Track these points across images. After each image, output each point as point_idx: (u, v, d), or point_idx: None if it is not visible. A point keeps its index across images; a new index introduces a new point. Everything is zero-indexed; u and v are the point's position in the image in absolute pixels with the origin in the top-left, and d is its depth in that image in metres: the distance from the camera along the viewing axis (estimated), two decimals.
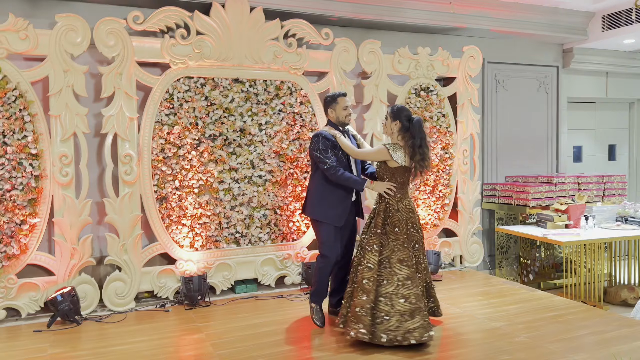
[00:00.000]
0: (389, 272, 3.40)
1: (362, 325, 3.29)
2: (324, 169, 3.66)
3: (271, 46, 4.74)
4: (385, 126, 3.64)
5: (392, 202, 3.54)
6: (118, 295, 4.28)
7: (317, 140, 3.71)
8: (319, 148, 3.68)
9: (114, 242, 4.28)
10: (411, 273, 3.40)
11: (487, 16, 5.75)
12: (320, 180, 3.77)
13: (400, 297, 3.33)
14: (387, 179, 3.58)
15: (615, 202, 6.05)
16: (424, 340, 3.25)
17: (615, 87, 7.26)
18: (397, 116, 3.55)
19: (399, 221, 3.49)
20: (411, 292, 3.35)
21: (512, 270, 6.08)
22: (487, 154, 6.31)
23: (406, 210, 3.54)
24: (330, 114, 3.85)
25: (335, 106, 3.82)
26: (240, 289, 4.74)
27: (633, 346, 3.24)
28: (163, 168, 4.43)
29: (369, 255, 3.46)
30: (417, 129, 3.50)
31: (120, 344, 3.55)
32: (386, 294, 3.35)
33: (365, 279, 3.40)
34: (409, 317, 3.29)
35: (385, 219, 3.52)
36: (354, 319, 3.34)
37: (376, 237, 3.49)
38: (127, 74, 4.28)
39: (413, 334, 3.24)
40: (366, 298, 3.35)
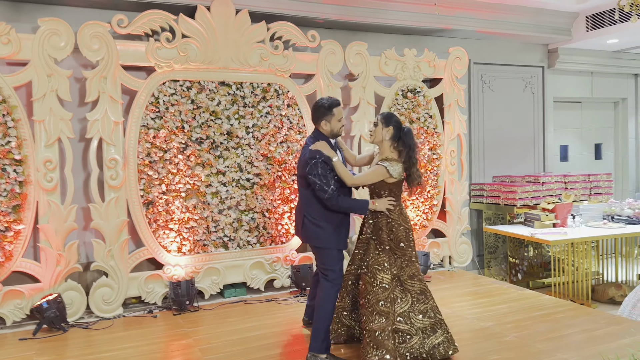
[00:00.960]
0: (401, 290, 3.23)
1: (384, 350, 3.01)
2: (325, 198, 3.20)
3: (257, 49, 4.72)
4: (375, 133, 3.34)
5: (393, 216, 3.28)
6: (105, 302, 4.24)
7: (316, 164, 3.18)
8: (318, 173, 3.18)
9: (100, 248, 4.23)
10: (424, 287, 3.26)
11: (472, 17, 5.79)
12: (318, 208, 3.30)
13: (418, 313, 3.21)
14: (385, 195, 3.30)
15: (602, 200, 6.10)
16: (449, 355, 3.16)
17: (600, 87, 7.34)
18: (389, 122, 3.31)
19: (403, 235, 3.27)
20: (427, 305, 3.23)
21: (501, 269, 6.11)
22: (474, 154, 6.34)
23: (406, 222, 3.33)
24: (324, 127, 3.34)
25: (331, 118, 3.33)
26: (229, 293, 4.71)
27: (620, 344, 3.26)
28: (149, 172, 4.40)
29: (381, 275, 3.17)
30: (409, 137, 3.32)
31: (107, 350, 3.51)
32: (403, 313, 3.18)
33: (381, 301, 3.11)
34: (430, 332, 3.19)
35: (389, 235, 3.27)
36: (374, 345, 3.03)
37: (385, 255, 3.23)
38: (111, 77, 4.24)
39: (438, 350, 3.15)
40: (385, 320, 3.08)
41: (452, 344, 3.21)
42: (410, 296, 3.22)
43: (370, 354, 3.02)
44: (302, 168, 3.31)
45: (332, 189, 3.18)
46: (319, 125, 3.37)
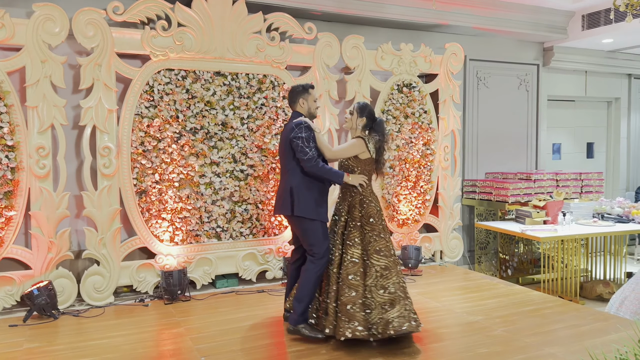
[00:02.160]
0: (368, 265, 3.35)
1: (357, 322, 3.18)
2: (304, 159, 3.38)
3: (254, 39, 4.71)
4: (349, 120, 3.62)
5: (366, 194, 3.51)
6: (96, 290, 4.24)
7: (301, 128, 3.42)
8: (302, 136, 3.39)
9: (92, 236, 4.22)
10: (389, 263, 3.36)
11: (469, 13, 5.79)
12: (303, 176, 3.47)
13: (380, 287, 3.29)
14: (358, 171, 3.53)
15: (592, 198, 6.16)
16: (403, 330, 3.12)
17: (593, 86, 7.38)
18: (363, 112, 3.58)
19: (373, 212, 3.46)
20: (389, 281, 3.30)
21: (491, 265, 6.16)
22: (467, 150, 6.37)
23: (377, 201, 3.54)
24: (302, 105, 3.61)
25: (308, 97, 3.62)
26: (221, 284, 4.72)
27: (606, 339, 3.31)
28: (143, 161, 4.39)
29: (352, 250, 3.39)
30: (381, 127, 3.57)
31: (98, 338, 3.52)
32: (367, 286, 3.30)
33: (351, 275, 3.31)
34: (389, 307, 3.23)
35: (361, 211, 3.47)
36: (346, 318, 3.20)
37: (356, 230, 3.44)
38: (106, 65, 4.22)
39: (392, 324, 3.14)
40: (355, 294, 3.25)
41: (407, 320, 3.17)
42: (375, 271, 3.33)
43: (343, 327, 3.17)
44: (285, 139, 3.51)
45: (313, 152, 3.40)
46: (296, 105, 3.63)
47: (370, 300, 3.27)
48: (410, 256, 5.19)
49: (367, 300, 3.27)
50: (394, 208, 5.45)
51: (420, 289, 4.67)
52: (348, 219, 3.50)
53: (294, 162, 3.48)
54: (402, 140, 5.46)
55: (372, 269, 3.33)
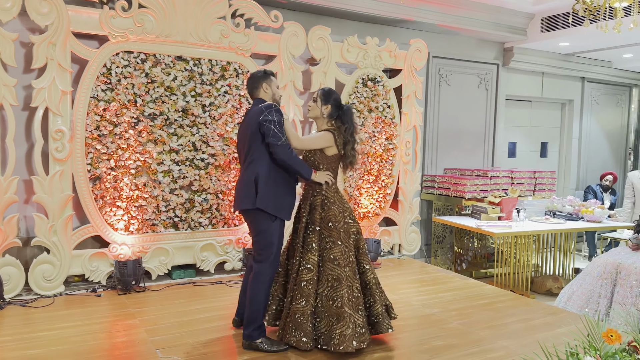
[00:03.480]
0: (322, 272, 3.13)
1: (302, 333, 3.03)
2: (277, 145, 3.03)
3: (218, 25, 4.59)
4: (313, 108, 3.30)
5: (329, 195, 3.22)
6: (46, 279, 4.06)
7: (271, 111, 3.08)
8: (274, 120, 3.06)
9: (42, 223, 4.04)
10: (341, 274, 3.09)
11: (434, 11, 5.85)
12: (270, 165, 3.13)
13: (329, 299, 3.08)
14: (323, 168, 3.24)
15: (545, 196, 6.37)
16: (339, 350, 2.95)
17: (550, 88, 7.62)
18: (328, 99, 3.26)
19: (334, 215, 3.18)
20: (338, 294, 3.06)
21: (447, 259, 6.29)
22: (427, 146, 6.46)
23: (341, 202, 3.26)
24: (265, 90, 3.26)
25: (271, 82, 3.29)
26: (177, 275, 4.62)
27: (556, 333, 3.43)
28: (98, 146, 4.22)
29: (309, 256, 3.13)
30: (348, 116, 3.27)
31: (47, 329, 3.37)
32: (319, 294, 3.11)
33: (304, 282, 3.09)
34: (335, 321, 3.03)
35: (321, 214, 3.19)
36: (293, 326, 3.07)
37: (314, 235, 3.17)
38: (61, 44, 4.02)
39: (333, 341, 2.98)
40: (305, 303, 3.06)
41: (347, 341, 2.96)
42: (327, 280, 3.11)
43: (290, 334, 3.07)
44: (251, 124, 3.12)
45: (285, 139, 3.08)
46: (259, 91, 3.27)
47: (320, 308, 3.10)
48: (370, 249, 5.23)
49: (318, 308, 3.11)
50: (356, 201, 5.47)
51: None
52: (308, 221, 3.23)
53: (263, 148, 3.11)
54: (365, 134, 5.48)
55: (324, 278, 3.12)
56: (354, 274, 3.18)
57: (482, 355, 3.11)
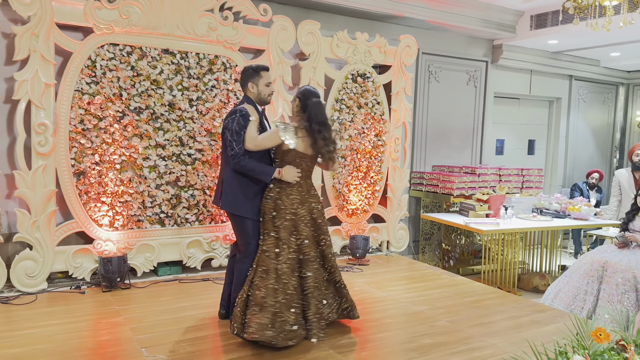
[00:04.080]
0: (259, 263, 3.18)
1: (235, 322, 3.10)
2: (230, 155, 3.17)
3: (205, 17, 4.52)
4: (292, 105, 3.37)
5: (272, 187, 3.24)
6: (28, 275, 3.98)
7: (234, 118, 3.17)
8: (232, 129, 3.15)
9: (24, 218, 3.95)
10: (271, 265, 3.11)
11: (424, 7, 5.83)
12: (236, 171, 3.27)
13: (257, 288, 3.08)
14: (277, 162, 3.27)
15: (532, 194, 6.40)
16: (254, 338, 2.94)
17: (538, 85, 7.65)
18: (299, 96, 3.27)
19: (265, 208, 3.22)
20: (263, 284, 3.07)
21: (435, 255, 6.30)
22: (416, 143, 6.45)
23: (290, 200, 3.22)
24: (251, 89, 3.33)
25: (258, 80, 3.31)
26: (163, 271, 4.56)
27: (544, 331, 3.44)
28: (82, 141, 4.13)
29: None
30: (313, 111, 3.18)
31: (29, 327, 3.30)
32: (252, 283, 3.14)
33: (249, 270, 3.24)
34: (258, 310, 3.02)
35: (265, 205, 3.26)
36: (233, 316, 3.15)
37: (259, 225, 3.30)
38: (44, 36, 3.92)
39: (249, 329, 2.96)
40: (242, 291, 3.16)
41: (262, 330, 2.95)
42: (258, 270, 3.15)
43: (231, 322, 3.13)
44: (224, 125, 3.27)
45: (239, 148, 3.15)
46: (246, 89, 3.37)
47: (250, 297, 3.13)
48: (359, 246, 5.21)
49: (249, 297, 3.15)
50: (345, 198, 5.44)
51: (367, 278, 4.70)
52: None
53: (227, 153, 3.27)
54: (355, 131, 5.44)
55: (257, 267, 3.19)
56: (291, 272, 3.17)
57: (470, 353, 3.10)
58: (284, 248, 3.18)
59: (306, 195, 3.31)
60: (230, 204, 3.28)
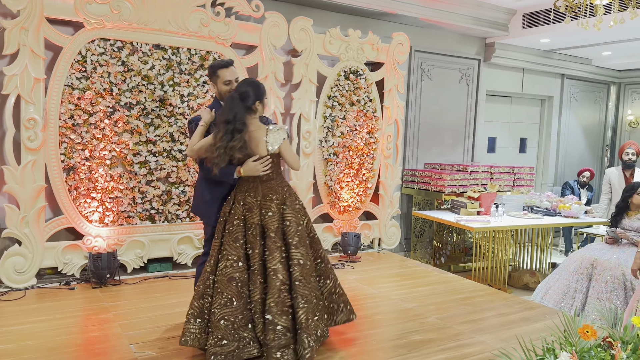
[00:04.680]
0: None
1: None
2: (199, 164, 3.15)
3: (197, 13, 4.50)
4: None
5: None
6: (17, 271, 3.95)
7: (190, 128, 3.14)
8: (189, 137, 3.20)
9: (13, 214, 3.92)
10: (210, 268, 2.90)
11: (417, 4, 5.82)
12: (202, 175, 3.21)
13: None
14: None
15: (523, 192, 6.43)
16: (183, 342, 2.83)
17: (530, 84, 7.68)
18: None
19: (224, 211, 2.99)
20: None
21: (426, 253, 6.32)
22: (408, 140, 6.46)
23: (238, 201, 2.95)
24: (213, 89, 3.29)
25: (216, 80, 3.16)
26: (153, 268, 4.54)
27: (533, 328, 3.46)
28: (72, 136, 4.11)
29: None
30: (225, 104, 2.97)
31: (17, 323, 3.28)
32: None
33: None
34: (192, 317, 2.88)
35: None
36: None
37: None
38: (34, 30, 3.89)
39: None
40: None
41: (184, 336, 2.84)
42: None
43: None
44: None
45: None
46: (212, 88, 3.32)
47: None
48: (350, 243, 5.22)
49: None
50: (336, 195, 5.44)
51: (358, 275, 4.71)
52: None
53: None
54: (347, 128, 5.44)
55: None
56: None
57: (459, 349, 3.11)
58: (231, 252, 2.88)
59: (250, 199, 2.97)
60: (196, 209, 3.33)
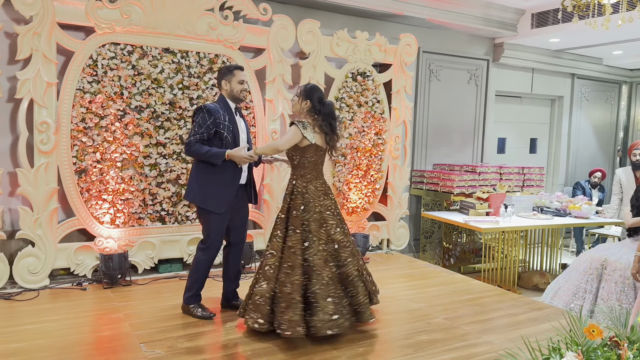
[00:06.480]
0: (283, 259, 3.21)
1: (260, 314, 3.13)
2: (185, 145, 3.41)
3: (206, 17, 4.55)
4: (295, 104, 3.41)
5: (298, 184, 3.31)
6: (30, 272, 4.03)
7: (199, 113, 3.39)
8: (196, 121, 3.38)
9: (27, 216, 4.00)
10: (297, 261, 3.16)
11: (424, 5, 5.84)
12: (202, 164, 3.43)
13: (284, 285, 3.14)
14: (297, 161, 3.33)
15: (533, 192, 6.40)
16: (287, 335, 3.02)
17: (539, 84, 7.64)
18: (309, 96, 3.34)
19: (298, 204, 3.26)
20: (290, 280, 3.12)
21: (435, 254, 6.31)
22: (417, 141, 6.46)
23: (313, 193, 3.30)
24: (224, 87, 3.51)
25: (231, 78, 3.50)
26: (164, 269, 4.60)
27: (541, 328, 3.45)
28: (83, 139, 4.18)
29: (273, 241, 3.28)
30: (328, 112, 3.33)
31: (30, 322, 3.35)
32: (278, 280, 3.18)
33: (267, 266, 3.22)
34: (285, 307, 3.08)
35: (290, 202, 3.30)
36: (252, 308, 3.18)
37: (280, 222, 3.30)
38: (46, 35, 3.97)
39: (281, 326, 3.05)
40: (266, 286, 3.16)
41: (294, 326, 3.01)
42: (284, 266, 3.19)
43: (248, 315, 3.19)
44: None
45: (194, 137, 3.36)
46: (220, 87, 3.56)
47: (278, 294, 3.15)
48: (358, 244, 5.24)
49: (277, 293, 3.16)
50: (345, 196, 5.47)
51: None
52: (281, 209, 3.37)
53: None
54: (355, 129, 5.46)
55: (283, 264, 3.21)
56: (324, 263, 3.20)
57: (466, 350, 3.12)
58: (314, 241, 3.23)
59: (326, 186, 3.42)
60: (197, 197, 3.46)
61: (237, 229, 3.67)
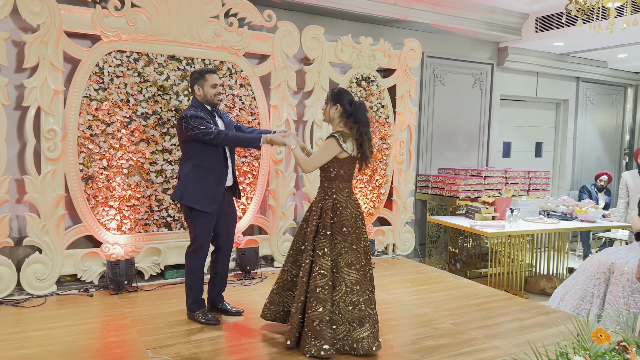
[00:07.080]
0: (337, 278, 3.06)
1: (323, 340, 2.95)
2: (211, 139, 3.33)
3: (211, 24, 4.59)
4: (325, 112, 3.25)
5: (340, 199, 3.14)
6: (38, 279, 4.05)
7: (186, 121, 3.35)
8: (194, 125, 3.33)
9: (34, 223, 4.03)
10: (360, 277, 3.08)
11: (428, 10, 5.85)
12: (191, 166, 3.43)
13: (349, 303, 3.03)
14: (334, 171, 3.15)
15: (539, 196, 6.38)
16: (372, 351, 3.01)
17: (544, 87, 7.63)
18: (338, 100, 3.18)
19: (347, 219, 3.11)
20: (360, 298, 3.05)
21: (441, 258, 6.30)
22: (422, 146, 6.47)
23: (354, 206, 3.18)
24: (197, 92, 3.49)
25: (204, 83, 3.47)
26: (170, 274, 4.61)
27: (548, 333, 3.44)
28: (90, 146, 4.21)
29: (321, 261, 3.05)
30: (361, 113, 3.16)
31: (37, 329, 3.36)
32: (336, 301, 3.05)
33: (319, 288, 3.01)
34: (357, 324, 3.03)
35: (333, 218, 3.12)
36: (312, 335, 2.97)
37: (326, 240, 3.09)
38: (53, 43, 4.01)
39: (362, 344, 2.99)
40: (323, 309, 2.98)
41: (376, 340, 3.06)
42: (345, 285, 3.05)
43: (309, 343, 2.97)
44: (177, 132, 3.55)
45: (214, 129, 3.35)
46: (194, 92, 3.55)
47: (337, 315, 3.04)
48: None
49: (335, 315, 3.04)
50: None
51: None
52: (319, 224, 3.16)
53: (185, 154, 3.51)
54: None
55: (341, 283, 3.06)
56: (365, 278, 3.16)
57: (473, 355, 3.11)
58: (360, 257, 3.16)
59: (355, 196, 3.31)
60: (185, 197, 3.43)
61: (225, 234, 3.68)
